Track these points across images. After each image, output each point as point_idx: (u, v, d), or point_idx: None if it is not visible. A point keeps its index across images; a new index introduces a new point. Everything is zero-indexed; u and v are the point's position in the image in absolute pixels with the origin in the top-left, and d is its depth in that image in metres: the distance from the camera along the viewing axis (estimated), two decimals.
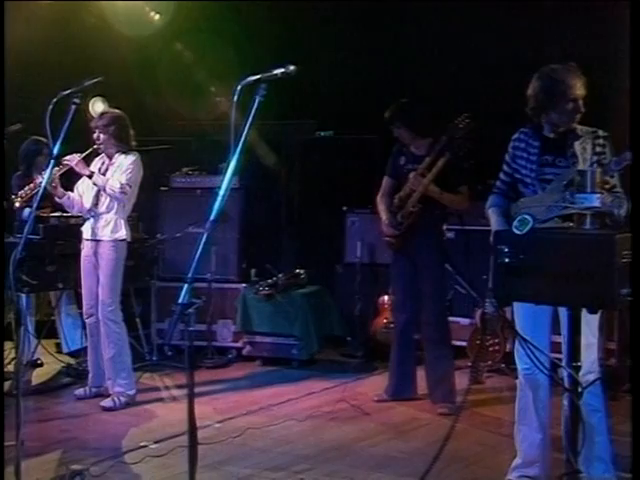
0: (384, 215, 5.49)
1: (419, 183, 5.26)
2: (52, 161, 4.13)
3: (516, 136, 3.91)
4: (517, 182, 3.87)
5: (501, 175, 3.96)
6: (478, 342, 6.13)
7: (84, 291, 5.53)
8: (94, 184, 5.40)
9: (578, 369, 3.05)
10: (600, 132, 3.72)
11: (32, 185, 5.63)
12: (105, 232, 5.41)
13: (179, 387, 5.81)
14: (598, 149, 3.66)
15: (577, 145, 3.67)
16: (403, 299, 5.58)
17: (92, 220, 5.46)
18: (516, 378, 3.97)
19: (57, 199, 5.50)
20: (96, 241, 5.43)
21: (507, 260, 2.91)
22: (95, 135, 5.47)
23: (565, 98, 3.66)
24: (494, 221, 3.88)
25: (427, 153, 5.32)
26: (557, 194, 3.56)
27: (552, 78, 3.70)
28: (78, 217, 5.70)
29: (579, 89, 3.68)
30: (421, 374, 5.59)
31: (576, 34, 6.40)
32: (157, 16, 7.84)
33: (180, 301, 2.88)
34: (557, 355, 3.52)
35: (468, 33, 7.19)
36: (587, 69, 3.79)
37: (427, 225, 5.37)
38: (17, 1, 6.71)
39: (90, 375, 5.62)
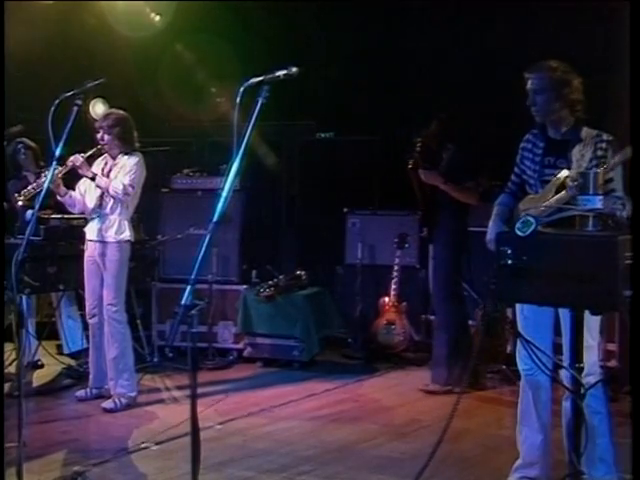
0: None
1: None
2: (54, 162, 4.12)
3: (525, 137, 3.95)
4: (525, 183, 3.90)
5: (512, 175, 4.03)
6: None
7: (87, 292, 5.53)
8: (97, 186, 5.39)
9: (581, 371, 3.04)
10: (604, 136, 3.71)
11: (35, 184, 5.63)
12: (110, 233, 5.39)
13: (180, 388, 5.81)
14: (599, 152, 3.65)
15: (576, 149, 3.68)
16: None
17: (96, 221, 5.45)
18: (518, 379, 3.97)
19: (59, 198, 5.49)
20: (101, 242, 5.41)
21: (510, 261, 2.91)
22: (99, 135, 5.46)
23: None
24: (491, 220, 3.98)
25: None
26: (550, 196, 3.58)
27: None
28: (79, 218, 5.70)
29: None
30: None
31: (575, 33, 6.40)
32: (157, 17, 7.83)
33: (183, 302, 2.87)
34: (559, 356, 3.51)
35: (468, 33, 7.20)
36: (587, 69, 3.79)
37: (442, 219, 5.94)
38: (17, 1, 6.70)
39: (91, 376, 5.61)
